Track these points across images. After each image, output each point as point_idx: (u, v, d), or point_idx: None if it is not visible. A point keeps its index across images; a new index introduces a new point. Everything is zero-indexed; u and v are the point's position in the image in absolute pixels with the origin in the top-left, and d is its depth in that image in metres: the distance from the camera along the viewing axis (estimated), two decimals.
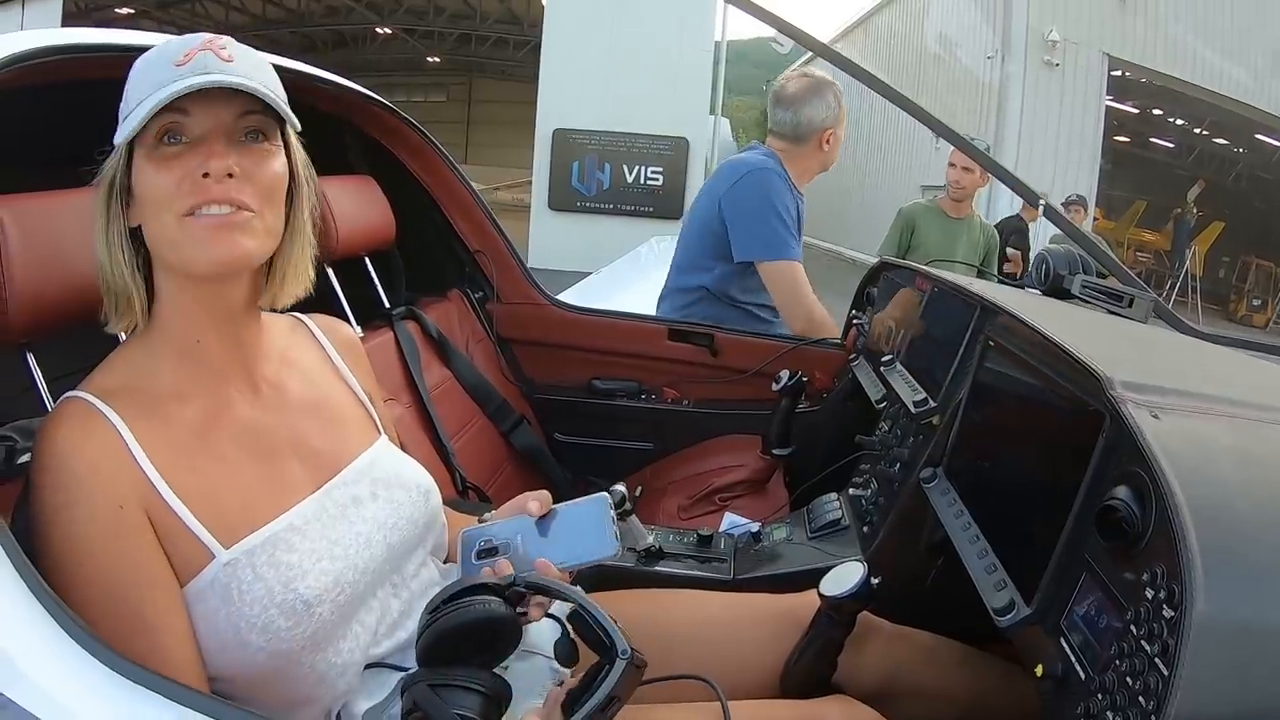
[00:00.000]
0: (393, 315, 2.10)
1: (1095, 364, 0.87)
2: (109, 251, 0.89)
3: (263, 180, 0.88)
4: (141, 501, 0.84)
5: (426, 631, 0.86)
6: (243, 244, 0.87)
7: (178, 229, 0.85)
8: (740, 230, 2.44)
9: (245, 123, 0.88)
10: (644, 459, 2.41)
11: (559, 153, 11.90)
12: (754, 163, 2.50)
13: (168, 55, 0.86)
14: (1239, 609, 0.64)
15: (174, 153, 0.85)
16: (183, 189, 0.84)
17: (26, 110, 1.22)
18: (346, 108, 2.17)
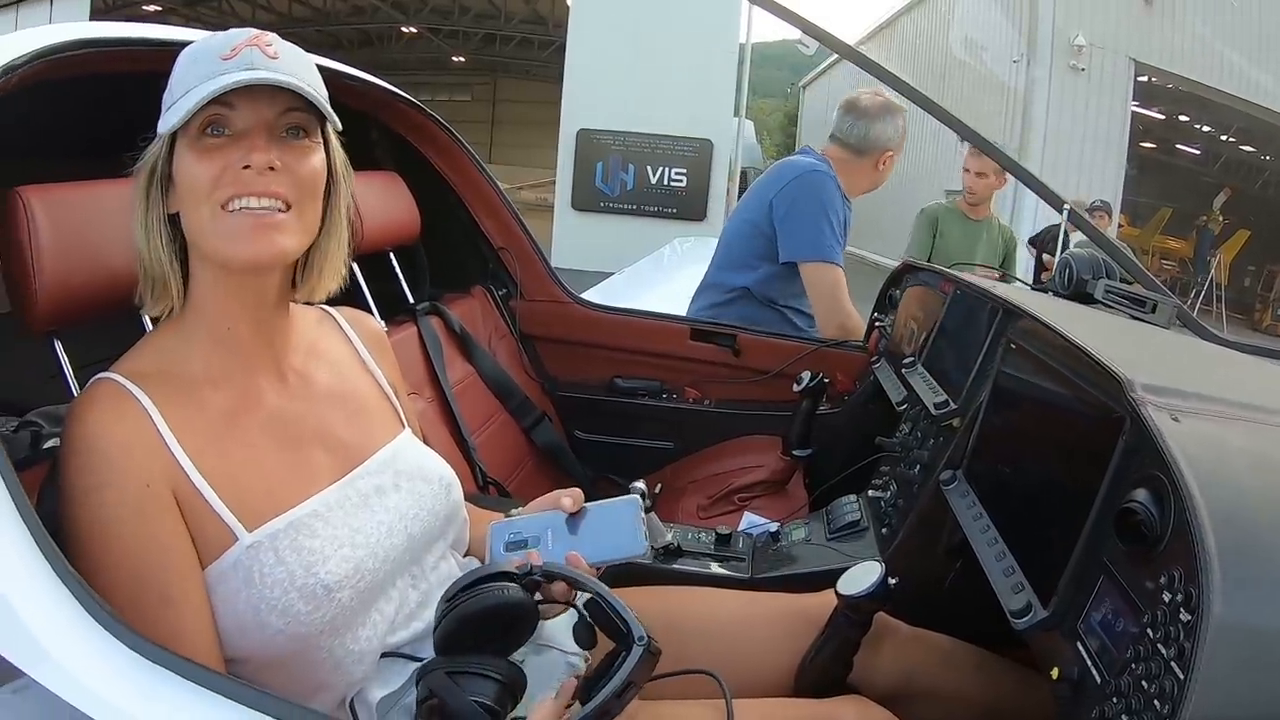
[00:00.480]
0: (417, 310, 2.12)
1: (1116, 366, 0.86)
2: (147, 237, 0.90)
3: (302, 176, 0.90)
4: (169, 483, 0.86)
5: (445, 619, 0.87)
6: (278, 242, 0.88)
7: (213, 220, 0.87)
8: (789, 230, 2.45)
9: (287, 119, 0.90)
10: (664, 458, 2.42)
11: (583, 153, 11.92)
12: (810, 165, 2.51)
13: (214, 49, 0.88)
14: (1256, 613, 0.64)
15: (216, 144, 0.87)
16: (223, 180, 0.86)
17: (55, 103, 1.24)
18: (373, 104, 2.19)
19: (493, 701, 0.81)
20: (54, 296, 1.06)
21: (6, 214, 1.05)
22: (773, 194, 2.49)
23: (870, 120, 2.51)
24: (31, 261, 1.04)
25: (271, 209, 0.88)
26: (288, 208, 0.89)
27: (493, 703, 0.81)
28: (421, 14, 23.23)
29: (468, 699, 0.80)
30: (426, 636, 0.99)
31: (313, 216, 0.94)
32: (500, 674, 0.83)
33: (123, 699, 0.75)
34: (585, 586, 0.89)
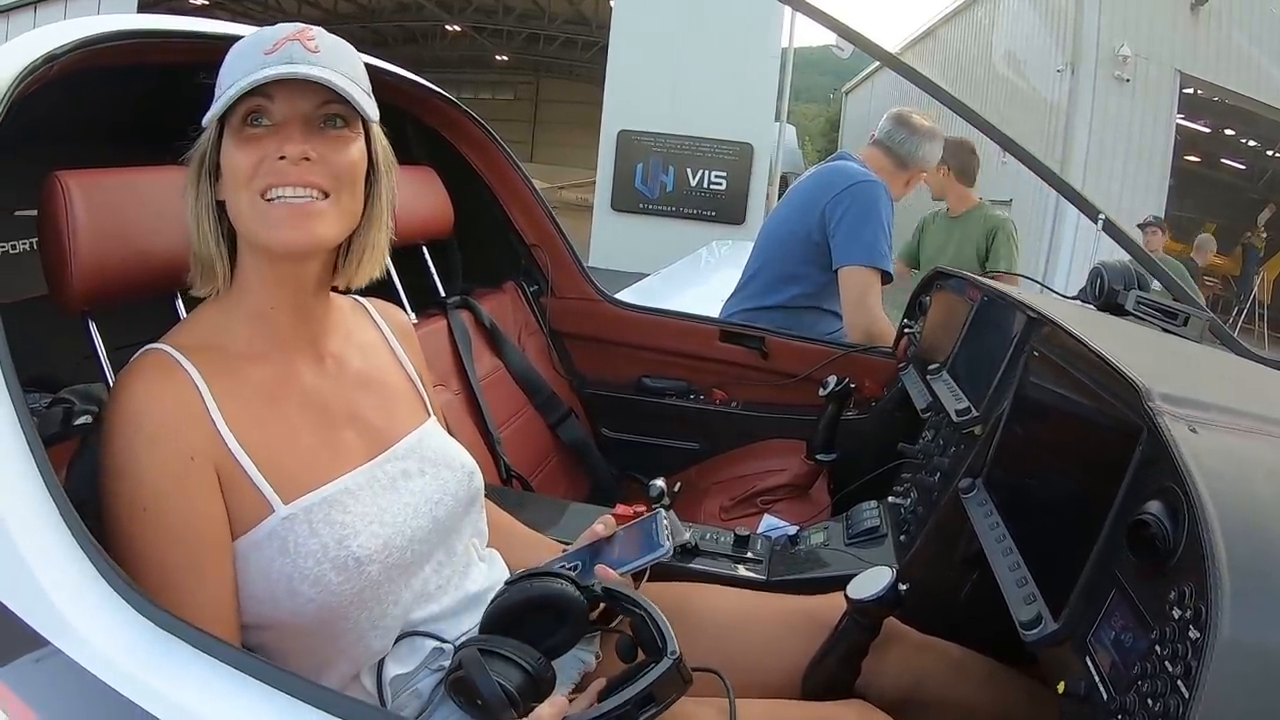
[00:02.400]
0: (447, 303, 2.14)
1: (1134, 375, 0.84)
2: (197, 221, 0.94)
3: (339, 165, 0.92)
4: (211, 455, 0.88)
5: (498, 598, 0.91)
6: (316, 230, 0.91)
7: (252, 208, 0.90)
8: (846, 236, 2.45)
9: (325, 110, 0.92)
10: (690, 458, 2.41)
11: (623, 154, 11.94)
12: (863, 173, 2.53)
13: (259, 43, 0.91)
14: (1266, 634, 0.61)
15: (256, 134, 0.90)
16: (261, 170, 0.89)
17: (96, 91, 1.27)
18: (409, 100, 2.22)
19: (515, 688, 0.82)
20: (89, 279, 1.09)
21: (45, 198, 1.08)
22: (825, 201, 2.49)
23: (921, 139, 2.58)
24: (68, 244, 1.07)
25: (309, 198, 0.90)
26: (325, 196, 0.91)
27: (515, 689, 0.82)
28: (466, 12, 23.27)
29: (493, 678, 0.82)
30: (445, 618, 1.02)
31: (352, 205, 0.96)
32: (531, 665, 0.85)
33: (140, 669, 0.77)
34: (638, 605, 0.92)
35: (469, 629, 1.05)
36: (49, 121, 1.20)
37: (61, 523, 0.83)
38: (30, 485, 0.85)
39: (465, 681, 0.83)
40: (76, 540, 0.82)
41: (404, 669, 0.98)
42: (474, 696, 0.83)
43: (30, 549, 0.82)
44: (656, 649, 0.87)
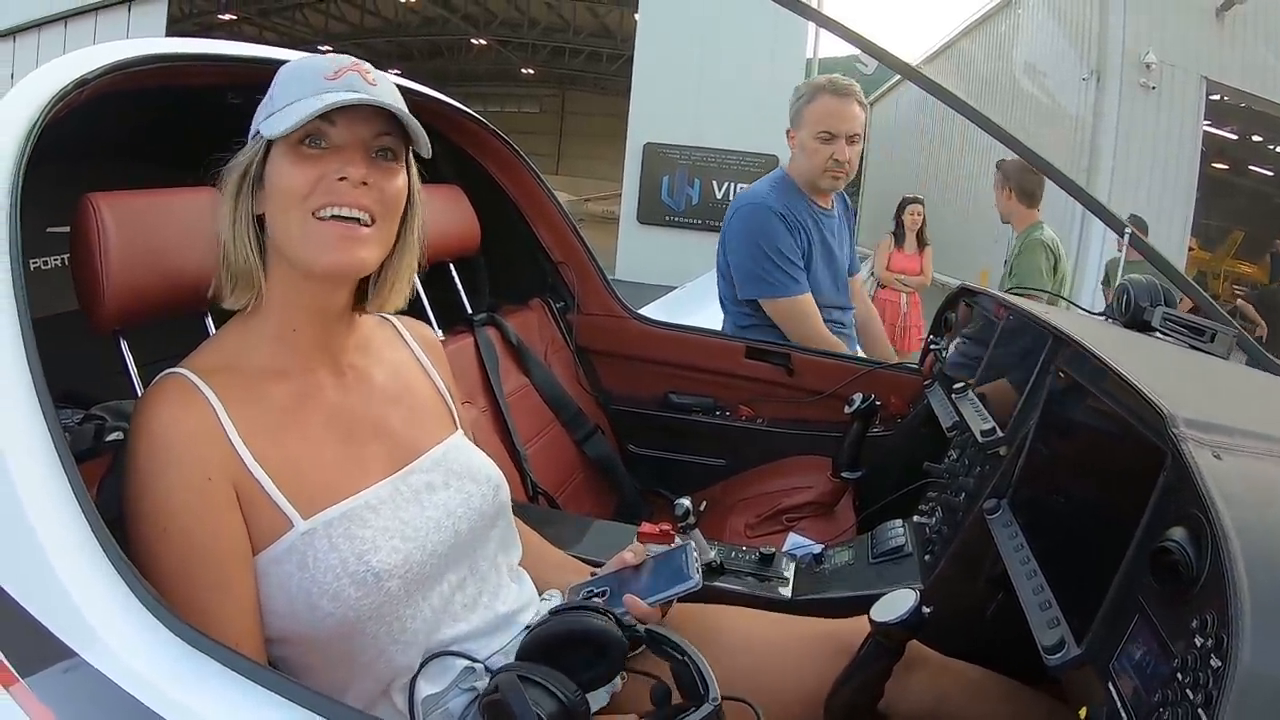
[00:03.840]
0: (474, 321, 2.17)
1: (1158, 399, 0.84)
2: (234, 232, 0.96)
3: (388, 194, 0.96)
4: (229, 474, 0.91)
5: (540, 627, 0.92)
6: (359, 254, 0.95)
7: (303, 225, 0.93)
8: (735, 266, 2.51)
9: (379, 141, 0.96)
10: (715, 475, 2.41)
11: (649, 167, 11.99)
12: (746, 196, 2.55)
13: (318, 68, 0.95)
14: None
15: (315, 154, 0.93)
16: (319, 188, 0.93)
17: (126, 114, 1.31)
18: (436, 118, 2.25)
19: (548, 716, 0.82)
20: (120, 298, 1.13)
21: (78, 219, 1.12)
22: (724, 230, 2.56)
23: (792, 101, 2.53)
24: (100, 264, 1.11)
25: (359, 221, 0.94)
26: (372, 222, 0.95)
27: (548, 717, 0.82)
28: (491, 26, 23.38)
29: (529, 704, 0.82)
30: (475, 637, 1.03)
31: (390, 234, 1.00)
32: (567, 697, 0.84)
33: (165, 682, 0.79)
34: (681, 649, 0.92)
35: (499, 649, 1.06)
36: (80, 141, 1.23)
37: (92, 538, 0.85)
38: (62, 501, 0.87)
39: (500, 705, 0.83)
40: (107, 555, 0.84)
41: (435, 689, 0.99)
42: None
43: (61, 563, 0.84)
44: (698, 694, 0.87)
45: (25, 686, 0.96)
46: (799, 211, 2.46)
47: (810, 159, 2.47)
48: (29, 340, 0.98)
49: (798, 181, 2.52)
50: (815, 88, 2.46)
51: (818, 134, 2.43)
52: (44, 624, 0.85)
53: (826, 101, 2.43)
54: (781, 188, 2.51)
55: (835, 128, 2.41)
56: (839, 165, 2.46)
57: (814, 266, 2.50)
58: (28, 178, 1.15)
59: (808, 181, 2.51)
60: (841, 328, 2.62)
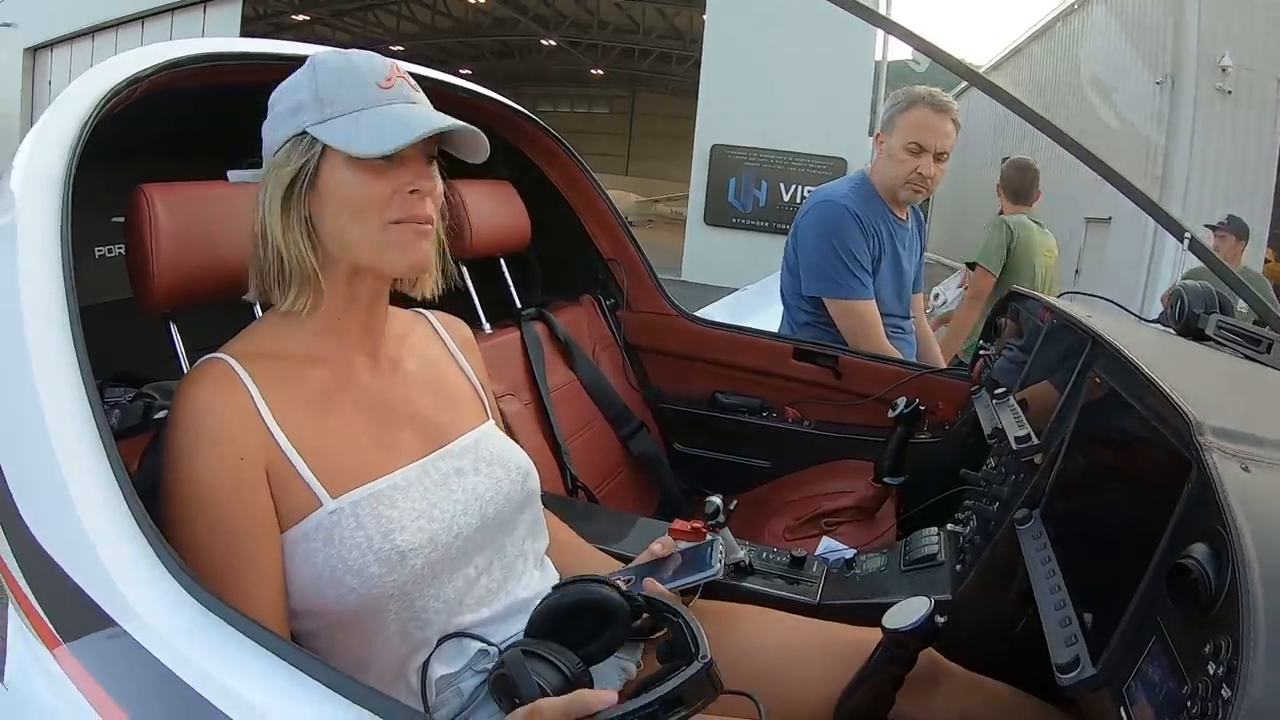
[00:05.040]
0: (521, 315, 2.17)
1: (1186, 405, 0.78)
2: (286, 235, 0.97)
3: (437, 196, 1.01)
4: (262, 455, 0.93)
5: (545, 601, 0.95)
6: (429, 253, 1.00)
7: (382, 233, 0.96)
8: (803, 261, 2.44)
9: (429, 147, 0.99)
10: (760, 476, 2.37)
11: (716, 168, 11.93)
12: (822, 195, 2.46)
13: (366, 74, 0.98)
14: None
15: (385, 167, 0.95)
16: (395, 201, 0.96)
17: (177, 109, 1.35)
18: (489, 117, 2.27)
19: (551, 689, 0.85)
20: (170, 283, 1.17)
21: (132, 208, 1.17)
22: (796, 222, 2.48)
23: (885, 108, 2.45)
24: (152, 251, 1.15)
25: (426, 225, 0.98)
26: (430, 224, 0.99)
27: (551, 690, 0.84)
28: (561, 27, 23.16)
29: (531, 678, 0.85)
30: (494, 622, 1.04)
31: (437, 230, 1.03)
32: (569, 669, 0.87)
33: (198, 655, 0.81)
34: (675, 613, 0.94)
35: (516, 633, 1.06)
36: (145, 136, 1.28)
37: (131, 518, 0.88)
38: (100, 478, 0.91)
39: (506, 680, 0.86)
40: (144, 534, 0.87)
41: (449, 669, 1.00)
42: (513, 695, 0.86)
43: (100, 540, 0.88)
44: (689, 654, 0.88)
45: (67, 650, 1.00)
46: (875, 216, 2.41)
47: (895, 167, 2.41)
48: (76, 326, 1.02)
49: (877, 186, 2.47)
50: (914, 97, 2.40)
51: (907, 144, 2.37)
52: (86, 591, 0.89)
53: (923, 113, 2.37)
54: (861, 190, 2.45)
55: (926, 141, 2.35)
56: (922, 180, 2.39)
57: (881, 274, 2.44)
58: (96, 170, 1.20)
59: (887, 189, 2.46)
60: (900, 333, 2.55)
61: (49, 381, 1.00)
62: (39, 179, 1.15)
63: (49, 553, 0.96)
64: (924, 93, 2.40)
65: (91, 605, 0.89)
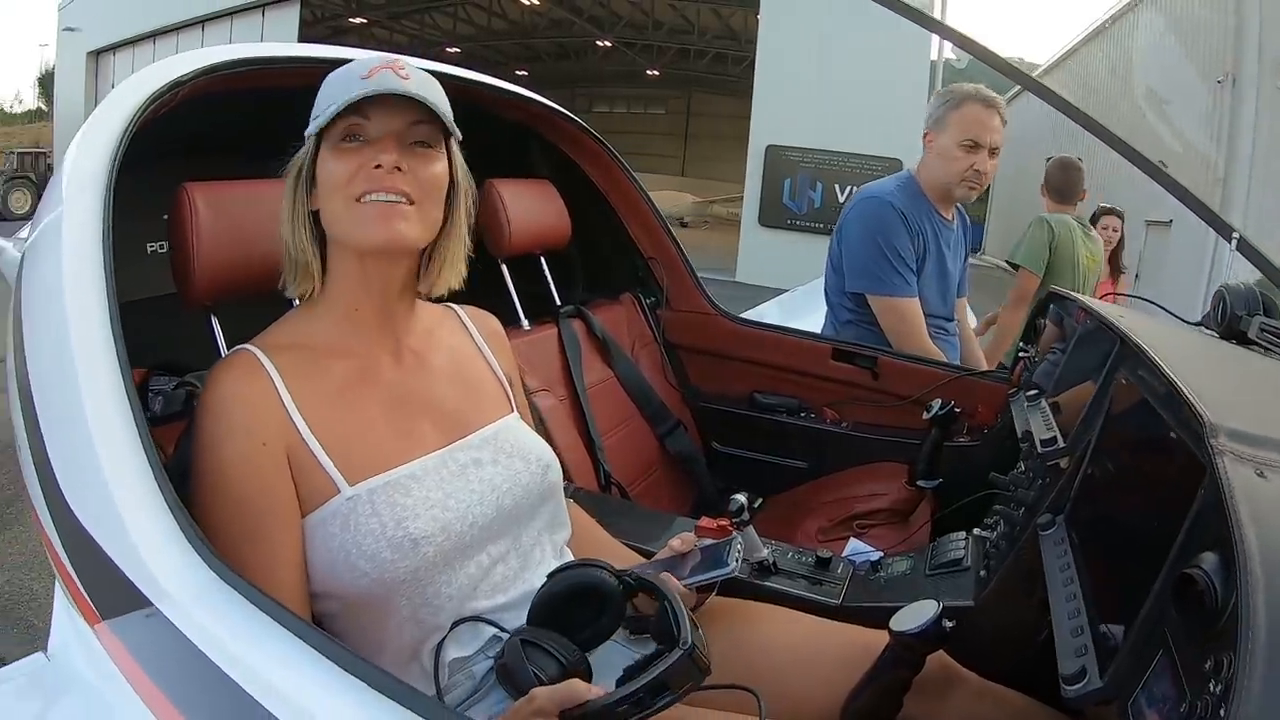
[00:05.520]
0: (560, 312, 2.18)
1: (1202, 406, 0.74)
2: (293, 228, 1.03)
3: (424, 178, 1.00)
4: (284, 442, 0.96)
5: (543, 588, 0.97)
6: (401, 229, 0.99)
7: (347, 211, 0.99)
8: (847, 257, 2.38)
9: (414, 132, 1.01)
10: (797, 477, 2.34)
11: (771, 169, 11.81)
12: (870, 190, 2.40)
13: (356, 70, 1.01)
14: None
15: (353, 148, 0.99)
16: (357, 177, 0.98)
17: (218, 112, 1.40)
18: (532, 118, 2.29)
19: (548, 679, 0.87)
20: (210, 277, 1.22)
21: (175, 206, 1.21)
22: (841, 219, 2.42)
23: (931, 106, 2.37)
24: (193, 247, 1.19)
25: (397, 202, 0.98)
26: (411, 203, 0.99)
27: (548, 680, 0.87)
28: (616, 28, 22.97)
29: (529, 668, 0.87)
30: (511, 608, 1.04)
31: (434, 215, 1.04)
32: (566, 658, 0.90)
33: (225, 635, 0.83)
34: (661, 592, 0.95)
35: None
36: (176, 138, 1.31)
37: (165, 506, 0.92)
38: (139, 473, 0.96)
39: (507, 669, 0.89)
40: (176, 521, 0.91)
41: (463, 652, 1.01)
42: (514, 684, 0.88)
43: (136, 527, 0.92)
44: (672, 637, 0.87)
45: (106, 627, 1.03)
46: (920, 215, 2.35)
47: (949, 165, 2.35)
48: (115, 318, 1.06)
49: (925, 185, 2.41)
50: (964, 94, 2.34)
51: (962, 141, 2.31)
52: (122, 570, 0.93)
53: (975, 109, 2.31)
54: (907, 189, 2.40)
55: (981, 137, 2.30)
56: (978, 176, 2.34)
57: (925, 273, 2.38)
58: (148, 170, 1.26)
59: (940, 187, 2.40)
60: (944, 334, 2.49)
61: (88, 370, 1.05)
62: (84, 177, 1.20)
63: (88, 530, 1.00)
64: (972, 90, 2.35)
65: (127, 583, 0.92)
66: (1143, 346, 0.99)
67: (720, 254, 12.90)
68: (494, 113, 2.22)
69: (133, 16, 18.55)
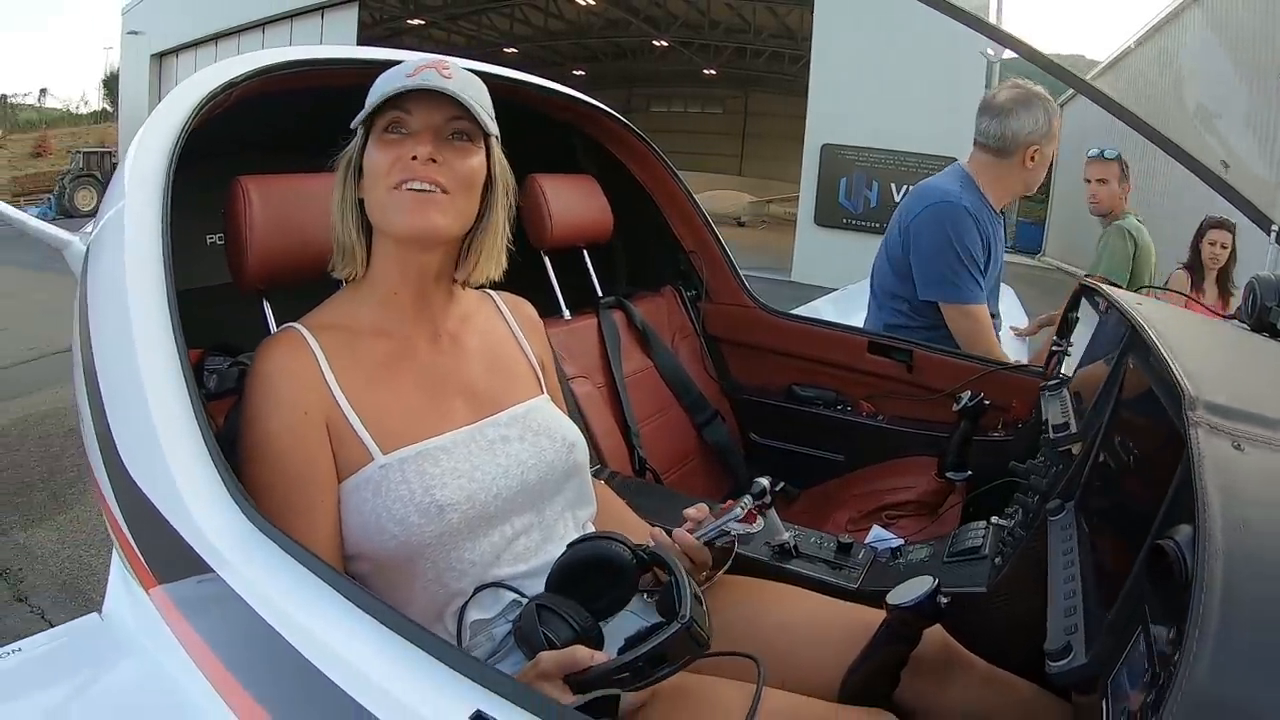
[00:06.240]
0: (600, 303, 2.21)
1: (1185, 380, 0.72)
2: (341, 214, 1.10)
3: (460, 170, 1.06)
4: (324, 413, 1.03)
5: (561, 557, 1.00)
6: (435, 218, 1.05)
7: (385, 197, 1.05)
8: (922, 267, 2.31)
9: (452, 126, 1.06)
10: (833, 470, 2.32)
11: (827, 168, 11.61)
12: (941, 194, 2.30)
13: (403, 69, 1.07)
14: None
15: (395, 139, 1.05)
16: (395, 167, 1.04)
17: (270, 110, 1.47)
18: (577, 116, 2.33)
19: (560, 643, 0.90)
20: (262, 263, 1.29)
21: (230, 197, 1.28)
22: (908, 221, 2.33)
23: (1005, 117, 2.26)
24: (246, 235, 1.26)
25: (432, 190, 1.04)
26: (445, 193, 1.05)
27: (560, 644, 0.90)
28: (673, 28, 22.54)
29: (541, 632, 0.91)
30: (531, 576, 1.08)
31: (468, 206, 1.09)
32: (578, 624, 0.92)
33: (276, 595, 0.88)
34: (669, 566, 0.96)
35: None
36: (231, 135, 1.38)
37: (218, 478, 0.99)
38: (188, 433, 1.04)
39: (522, 632, 0.92)
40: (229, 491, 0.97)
41: (484, 615, 1.05)
42: (529, 646, 0.91)
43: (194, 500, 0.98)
44: (673, 611, 0.89)
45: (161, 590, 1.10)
46: (984, 214, 2.31)
47: (1038, 174, 2.35)
48: (173, 301, 1.14)
49: (989, 183, 2.35)
50: (1054, 105, 2.33)
51: (1054, 152, 2.33)
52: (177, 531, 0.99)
53: (1058, 123, 2.31)
54: (969, 186, 2.34)
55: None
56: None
57: (988, 273, 2.35)
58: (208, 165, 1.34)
59: (1015, 192, 2.40)
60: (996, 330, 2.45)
61: (148, 348, 1.12)
62: (144, 173, 1.28)
63: (147, 495, 1.07)
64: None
65: (182, 548, 0.98)
66: (1143, 327, 0.97)
67: (776, 254, 12.77)
68: (541, 112, 2.26)
69: (195, 20, 18.99)
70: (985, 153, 2.33)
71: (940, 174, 2.46)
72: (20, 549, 3.15)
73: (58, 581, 2.92)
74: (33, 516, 3.44)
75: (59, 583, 2.91)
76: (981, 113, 2.35)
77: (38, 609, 2.72)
